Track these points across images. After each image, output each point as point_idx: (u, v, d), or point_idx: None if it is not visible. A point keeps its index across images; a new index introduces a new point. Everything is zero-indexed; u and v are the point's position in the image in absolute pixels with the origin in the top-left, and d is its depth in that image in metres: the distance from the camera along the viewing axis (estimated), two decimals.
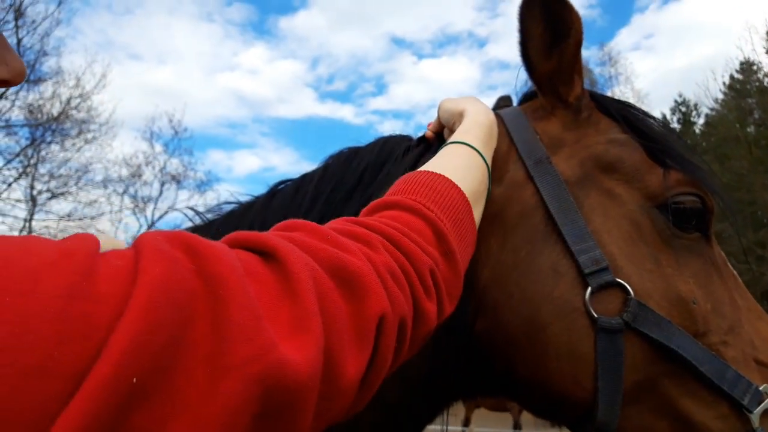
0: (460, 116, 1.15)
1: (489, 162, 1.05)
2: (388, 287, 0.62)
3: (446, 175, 0.87)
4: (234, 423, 0.44)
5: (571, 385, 1.01)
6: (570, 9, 1.11)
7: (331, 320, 0.54)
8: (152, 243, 0.48)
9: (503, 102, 1.51)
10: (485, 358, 1.10)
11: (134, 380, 0.40)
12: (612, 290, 1.01)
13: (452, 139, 1.05)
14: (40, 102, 19.40)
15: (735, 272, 1.14)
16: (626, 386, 0.99)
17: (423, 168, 0.92)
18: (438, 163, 0.94)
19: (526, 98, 1.32)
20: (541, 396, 1.06)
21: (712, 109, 30.64)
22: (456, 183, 0.87)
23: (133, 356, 0.40)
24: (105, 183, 21.30)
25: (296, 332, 0.50)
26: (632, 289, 1.01)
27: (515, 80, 1.30)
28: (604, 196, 1.10)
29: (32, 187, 19.86)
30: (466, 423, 15.17)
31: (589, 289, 1.00)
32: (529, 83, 1.24)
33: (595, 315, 0.99)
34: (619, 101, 1.24)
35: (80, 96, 20.23)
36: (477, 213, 0.94)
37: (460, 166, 0.95)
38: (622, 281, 1.01)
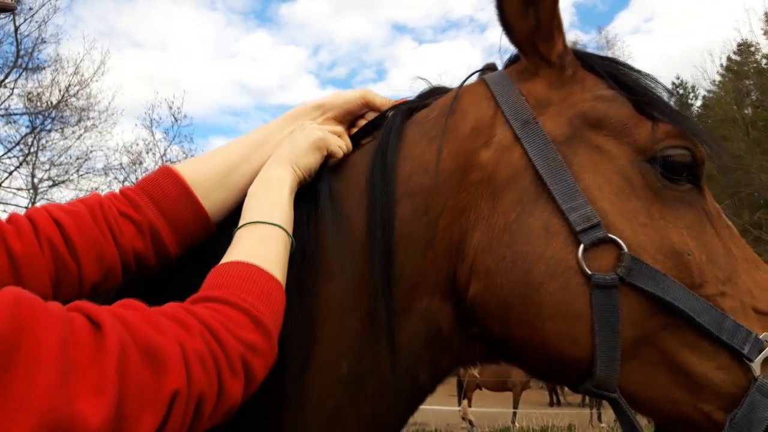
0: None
1: (277, 212, 1.09)
2: (191, 368, 0.75)
3: (255, 264, 0.98)
4: None
5: (568, 344, 1.02)
6: None
7: (131, 388, 0.66)
8: None
9: (488, 70, 1.47)
10: (481, 322, 1.11)
11: None
12: (605, 246, 1.01)
13: (245, 221, 1.09)
14: (39, 90, 19.39)
15: (730, 223, 1.13)
16: (624, 342, 0.99)
17: (234, 259, 1.00)
18: (244, 253, 1.01)
19: (510, 62, 1.30)
20: (539, 357, 1.07)
21: (709, 91, 30.68)
22: (266, 271, 0.98)
23: None
24: (106, 170, 21.27)
25: (95, 394, 0.62)
26: (625, 244, 1.01)
27: (499, 44, 1.26)
28: (594, 153, 1.10)
29: (33, 176, 19.88)
30: (463, 398, 15.38)
31: (582, 246, 1.01)
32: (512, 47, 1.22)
33: (589, 272, 1.00)
34: (604, 57, 1.24)
35: (79, 83, 20.21)
36: (282, 274, 1.03)
37: (262, 249, 1.03)
38: (614, 236, 1.01)
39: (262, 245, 1.03)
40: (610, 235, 1.01)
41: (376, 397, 1.11)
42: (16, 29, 18.68)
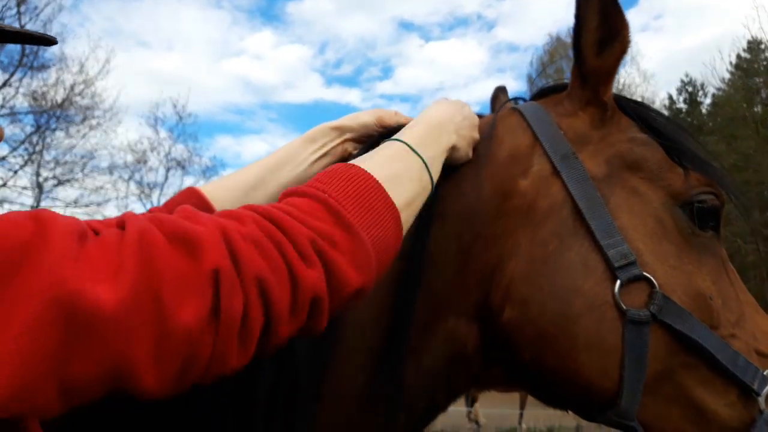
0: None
1: (430, 151, 1.06)
2: (236, 248, 0.70)
3: (357, 164, 0.92)
4: (40, 336, 0.55)
5: (598, 376, 1.05)
6: (621, 14, 1.15)
7: (157, 270, 0.64)
8: (7, 213, 0.62)
9: (500, 92, 1.57)
10: (512, 347, 1.12)
11: None
12: (639, 284, 1.05)
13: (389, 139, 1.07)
14: (44, 89, 19.46)
15: (734, 269, 1.20)
16: (647, 376, 1.03)
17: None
18: (358, 159, 0.97)
19: (542, 93, 1.34)
20: (566, 385, 1.09)
21: (718, 89, 30.36)
22: (362, 168, 0.90)
23: None
24: (110, 169, 21.44)
25: (112, 276, 0.61)
26: (657, 284, 1.05)
27: (527, 63, 1.33)
28: (629, 194, 1.14)
29: (38, 174, 19.98)
30: (473, 401, 15.29)
31: (619, 282, 1.04)
32: (534, 65, 1.27)
33: (625, 307, 1.03)
34: (635, 101, 1.29)
35: (84, 82, 20.25)
36: (397, 193, 0.93)
37: (376, 155, 0.99)
38: (648, 275, 1.05)
39: (382, 158, 0.98)
40: (645, 274, 1.05)
41: (390, 412, 1.12)
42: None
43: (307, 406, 1.05)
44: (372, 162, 0.94)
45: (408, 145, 1.03)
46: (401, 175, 0.97)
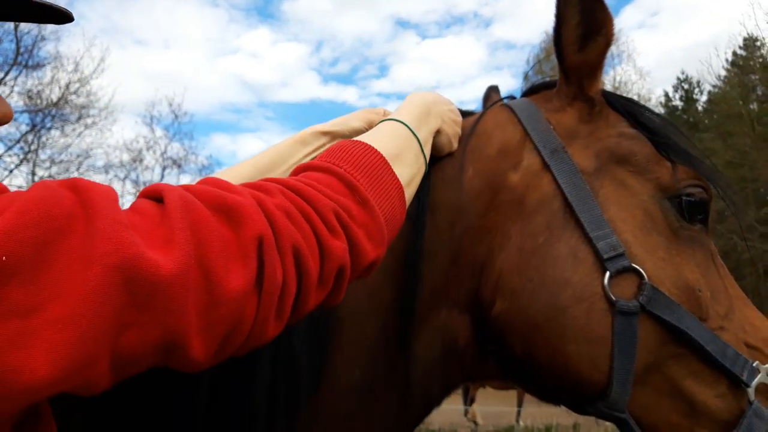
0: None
1: (423, 132, 1.08)
2: (274, 218, 0.70)
3: (363, 141, 0.93)
4: (102, 303, 0.55)
5: (587, 367, 1.05)
6: (604, 8, 1.15)
7: (205, 239, 0.64)
8: (40, 182, 0.62)
9: (492, 91, 1.60)
10: (503, 340, 1.12)
11: (3, 258, 0.51)
12: (628, 275, 1.06)
13: (386, 117, 1.09)
14: (39, 87, 19.38)
15: (722, 262, 1.21)
16: (636, 368, 1.04)
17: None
18: (361, 137, 0.99)
19: (533, 90, 1.36)
20: (557, 377, 1.09)
21: (714, 86, 30.39)
22: (371, 145, 0.92)
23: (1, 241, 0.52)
24: (106, 168, 21.36)
25: (165, 244, 0.61)
26: (646, 275, 1.06)
27: (524, 61, 1.34)
28: (618, 186, 1.15)
29: (34, 173, 19.88)
30: (471, 401, 15.30)
31: (608, 273, 1.05)
32: (531, 63, 1.28)
33: (614, 298, 1.04)
34: (624, 97, 1.30)
35: (79, 81, 20.17)
36: (400, 170, 0.96)
37: (379, 134, 1.00)
38: (637, 266, 1.06)
39: (386, 136, 0.99)
40: (634, 265, 1.06)
41: (386, 405, 1.13)
42: (16, 26, 18.61)
43: (307, 402, 1.05)
44: (376, 139, 0.96)
45: (406, 125, 1.04)
46: (402, 154, 0.99)
